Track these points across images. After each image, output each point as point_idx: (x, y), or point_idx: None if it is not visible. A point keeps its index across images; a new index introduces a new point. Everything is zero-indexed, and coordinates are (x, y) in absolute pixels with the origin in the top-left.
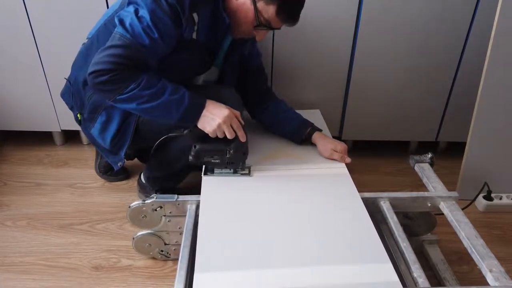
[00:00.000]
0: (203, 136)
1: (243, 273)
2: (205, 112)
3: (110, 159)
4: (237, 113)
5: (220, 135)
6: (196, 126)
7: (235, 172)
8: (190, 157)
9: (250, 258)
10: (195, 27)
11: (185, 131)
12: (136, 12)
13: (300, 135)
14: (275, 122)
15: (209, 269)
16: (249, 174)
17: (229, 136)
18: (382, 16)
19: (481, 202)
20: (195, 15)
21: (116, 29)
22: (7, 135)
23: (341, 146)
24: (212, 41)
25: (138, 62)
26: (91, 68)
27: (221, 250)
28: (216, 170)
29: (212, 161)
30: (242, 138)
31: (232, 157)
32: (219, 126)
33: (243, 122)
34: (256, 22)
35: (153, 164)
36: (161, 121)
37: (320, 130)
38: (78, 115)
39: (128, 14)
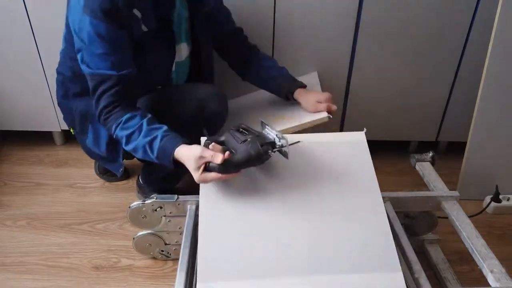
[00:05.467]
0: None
1: (247, 282)
2: (181, 159)
3: (111, 167)
4: (205, 150)
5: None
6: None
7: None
8: None
9: (253, 266)
10: (140, 22)
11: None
12: (85, 42)
13: (281, 92)
14: (259, 81)
15: (212, 278)
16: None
17: (215, 161)
18: (383, 16)
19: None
20: (136, 11)
21: (84, 69)
22: (7, 135)
23: (324, 96)
24: (164, 22)
25: (122, 91)
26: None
27: (224, 258)
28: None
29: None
30: (217, 160)
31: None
32: (198, 180)
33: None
34: None
35: (148, 166)
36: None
37: (304, 86)
38: (71, 130)
39: (81, 47)
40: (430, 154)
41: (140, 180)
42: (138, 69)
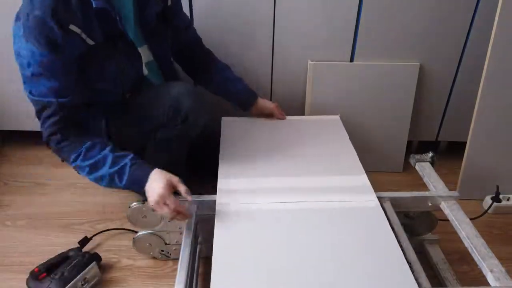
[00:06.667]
0: None
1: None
2: (147, 186)
3: None
4: (176, 185)
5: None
6: None
7: None
8: None
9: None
10: (82, 35)
11: None
12: (24, 67)
13: (247, 105)
14: (218, 92)
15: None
16: None
17: (168, 216)
18: (382, 15)
19: (488, 204)
20: (74, 27)
21: (27, 95)
22: (7, 135)
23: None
24: (114, 32)
25: (65, 119)
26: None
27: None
28: None
29: None
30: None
31: None
32: (154, 208)
33: (183, 193)
34: None
35: None
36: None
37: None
38: None
39: (22, 73)
40: (430, 154)
41: None
42: (102, 80)
